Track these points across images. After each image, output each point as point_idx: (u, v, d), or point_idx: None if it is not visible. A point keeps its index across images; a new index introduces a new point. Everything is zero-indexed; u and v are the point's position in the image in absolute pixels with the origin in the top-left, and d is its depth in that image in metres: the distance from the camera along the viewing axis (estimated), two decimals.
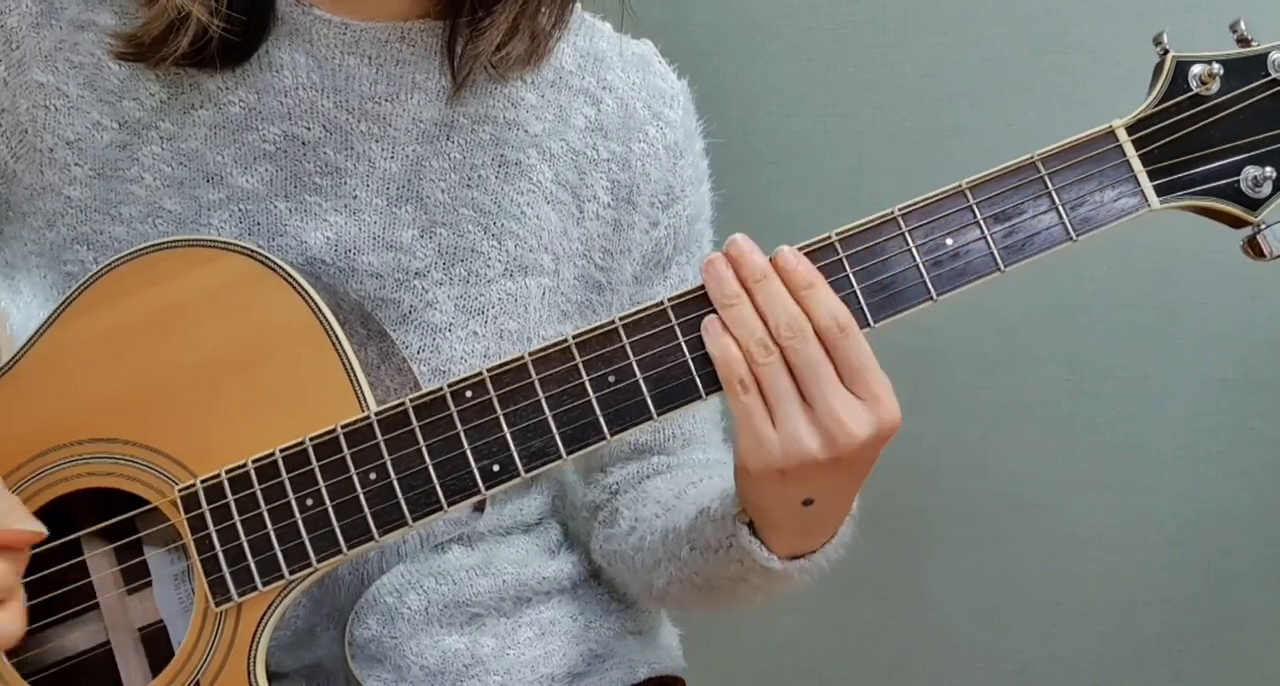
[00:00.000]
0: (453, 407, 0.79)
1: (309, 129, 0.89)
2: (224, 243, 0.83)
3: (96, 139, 0.88)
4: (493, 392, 0.79)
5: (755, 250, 0.78)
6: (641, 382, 0.79)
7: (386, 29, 0.90)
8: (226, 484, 0.80)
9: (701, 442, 1.04)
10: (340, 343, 0.81)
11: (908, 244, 0.79)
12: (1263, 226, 0.80)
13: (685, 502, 0.93)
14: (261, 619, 0.80)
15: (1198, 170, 0.79)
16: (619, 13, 1.00)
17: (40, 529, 0.78)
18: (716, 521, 0.86)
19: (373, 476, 0.79)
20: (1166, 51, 0.80)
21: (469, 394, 0.79)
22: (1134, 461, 1.57)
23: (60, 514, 0.83)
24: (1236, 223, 0.80)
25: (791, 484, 0.79)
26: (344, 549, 0.79)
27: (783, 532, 0.84)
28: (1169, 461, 1.56)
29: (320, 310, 0.81)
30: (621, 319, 0.79)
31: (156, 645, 0.85)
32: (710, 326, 0.78)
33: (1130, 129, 0.80)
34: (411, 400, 0.79)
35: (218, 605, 0.80)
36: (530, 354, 0.79)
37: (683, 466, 1.02)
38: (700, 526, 0.88)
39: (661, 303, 0.79)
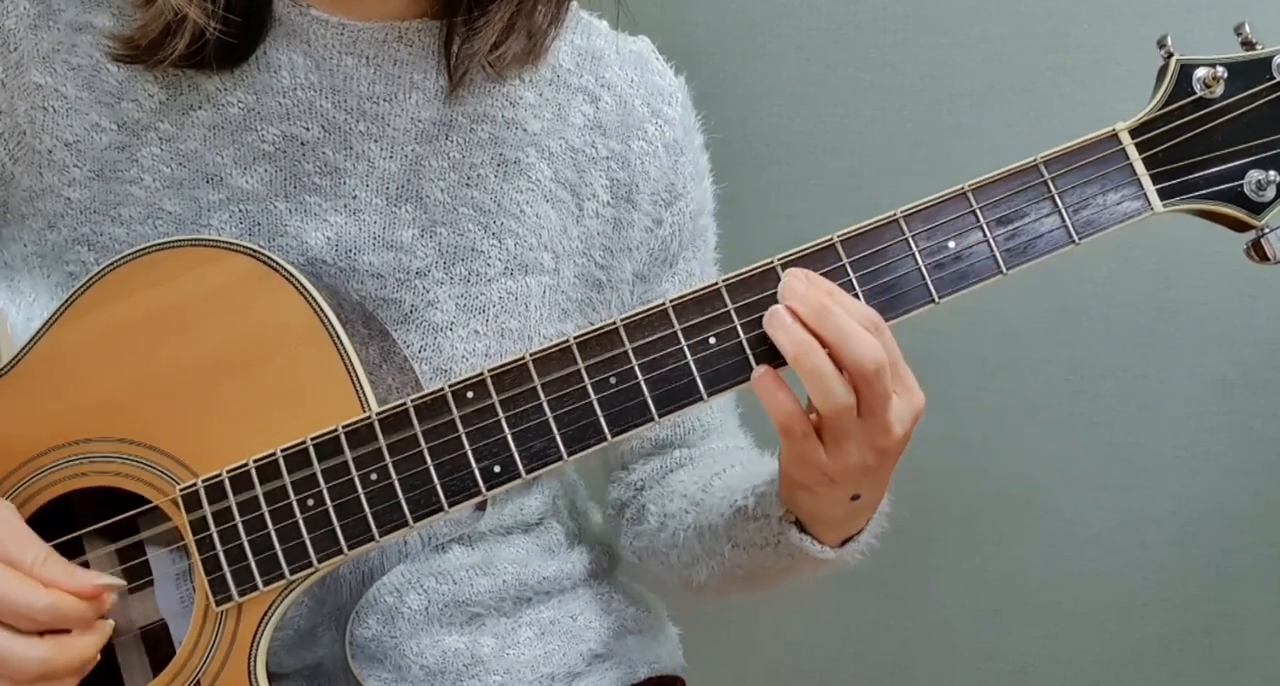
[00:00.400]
0: (454, 408, 0.79)
1: (308, 129, 0.89)
2: (226, 242, 0.83)
3: (95, 140, 0.88)
4: (494, 393, 0.79)
5: (810, 282, 0.77)
6: (643, 384, 0.79)
7: (384, 29, 0.90)
8: (228, 483, 0.80)
9: (720, 431, 1.05)
10: (342, 343, 0.81)
11: (910, 247, 0.79)
12: (1267, 230, 0.80)
13: (714, 497, 0.94)
14: (262, 618, 0.80)
15: (1201, 174, 0.79)
16: (615, 12, 1.00)
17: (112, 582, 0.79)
18: (758, 520, 0.87)
19: (374, 477, 0.79)
20: (1171, 54, 0.80)
21: (470, 394, 0.79)
22: (1134, 461, 1.57)
23: (61, 513, 0.83)
24: (1239, 226, 0.80)
25: (841, 488, 0.81)
26: (345, 549, 0.79)
27: (831, 525, 0.86)
28: (1169, 461, 1.56)
29: (322, 310, 0.81)
30: (623, 320, 0.79)
31: (158, 644, 0.85)
32: (764, 381, 0.77)
33: (1133, 132, 0.80)
34: (413, 401, 0.79)
35: (218, 604, 0.80)
36: (531, 355, 0.79)
37: (703, 456, 1.03)
38: (740, 525, 0.89)
39: (663, 304, 0.79)
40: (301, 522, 0.80)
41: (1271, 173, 0.79)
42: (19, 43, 0.87)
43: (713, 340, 0.79)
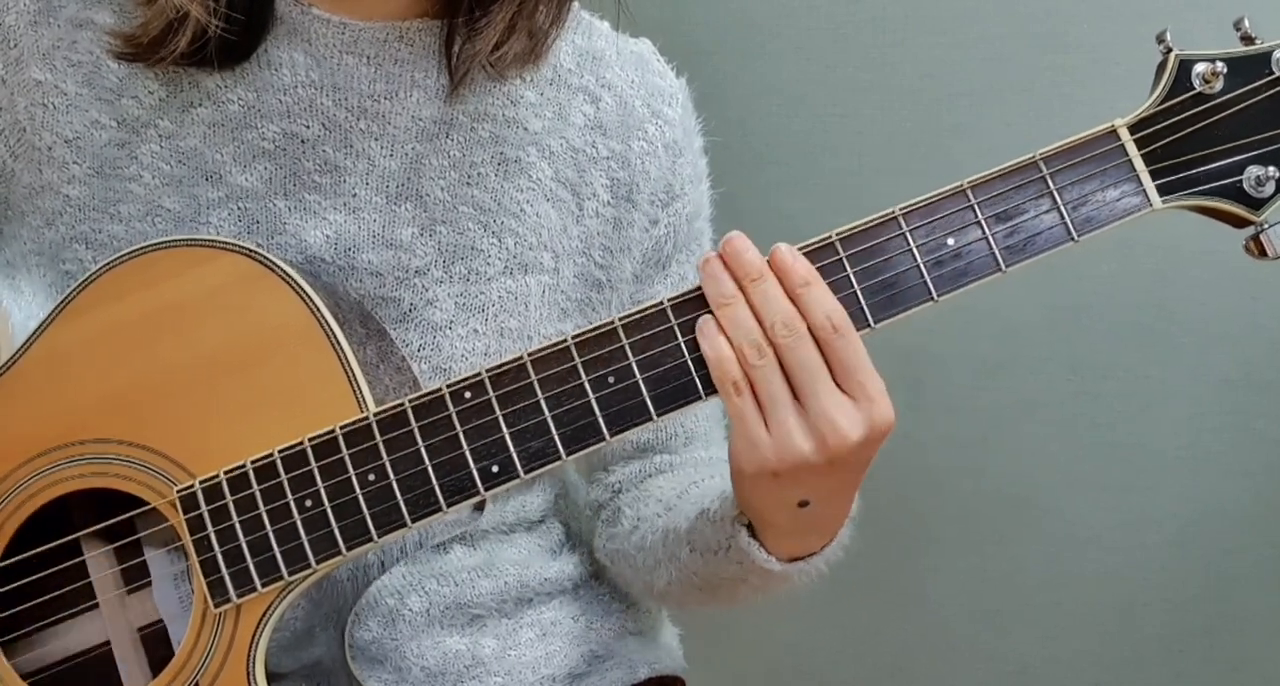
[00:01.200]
0: (452, 408, 0.79)
1: (308, 127, 0.89)
2: (223, 242, 0.83)
3: (95, 137, 0.88)
4: (492, 393, 0.79)
5: (750, 248, 0.78)
6: (641, 383, 0.78)
7: (385, 28, 0.90)
8: (225, 485, 0.80)
9: (704, 440, 1.04)
10: (339, 343, 0.81)
11: (909, 244, 0.79)
12: (1266, 226, 0.80)
13: (686, 503, 0.93)
14: (261, 620, 0.80)
15: (1200, 170, 0.79)
16: (616, 12, 1.00)
17: None
18: (716, 523, 0.86)
19: (371, 477, 0.79)
20: (1170, 50, 0.80)
21: (468, 394, 0.79)
22: (1135, 462, 1.57)
23: (59, 514, 0.83)
24: (1239, 222, 0.80)
25: (786, 485, 0.79)
26: (343, 550, 0.79)
27: (781, 534, 0.84)
28: (1170, 462, 1.56)
29: (319, 310, 0.81)
30: (621, 319, 0.79)
31: (156, 645, 0.84)
32: (705, 327, 0.78)
33: (1132, 128, 0.80)
34: (410, 401, 0.79)
35: (216, 606, 0.80)
36: (529, 354, 0.79)
37: (685, 464, 1.02)
38: (700, 528, 0.88)
39: (661, 303, 0.79)
40: (299, 523, 0.79)
41: (1271, 168, 0.79)
42: (19, 39, 0.87)
43: None
